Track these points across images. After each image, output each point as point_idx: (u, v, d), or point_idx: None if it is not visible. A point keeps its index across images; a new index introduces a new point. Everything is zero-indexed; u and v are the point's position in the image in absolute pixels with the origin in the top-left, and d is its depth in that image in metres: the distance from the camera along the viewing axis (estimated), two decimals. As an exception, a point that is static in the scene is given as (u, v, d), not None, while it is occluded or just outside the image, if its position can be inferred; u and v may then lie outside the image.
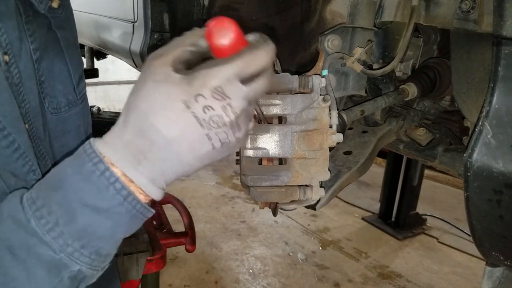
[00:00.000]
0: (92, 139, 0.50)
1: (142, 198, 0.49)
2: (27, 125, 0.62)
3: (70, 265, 0.48)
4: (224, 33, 0.48)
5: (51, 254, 0.47)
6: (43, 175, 0.63)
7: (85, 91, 0.79)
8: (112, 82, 6.09)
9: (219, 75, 0.46)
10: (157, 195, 0.49)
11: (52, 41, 0.69)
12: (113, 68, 5.52)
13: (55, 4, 0.68)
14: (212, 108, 0.46)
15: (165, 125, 0.46)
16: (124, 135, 0.48)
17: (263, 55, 0.48)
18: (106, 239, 0.50)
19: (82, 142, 0.77)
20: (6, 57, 0.58)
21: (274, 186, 0.88)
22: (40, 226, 0.47)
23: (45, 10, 0.66)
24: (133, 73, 5.73)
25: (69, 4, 0.75)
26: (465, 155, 0.82)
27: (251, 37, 0.51)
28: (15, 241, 0.47)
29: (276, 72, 0.89)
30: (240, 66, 0.46)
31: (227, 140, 0.48)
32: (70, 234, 0.47)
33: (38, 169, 0.63)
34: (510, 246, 0.87)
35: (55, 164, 0.68)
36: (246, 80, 0.47)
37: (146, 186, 0.48)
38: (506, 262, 0.93)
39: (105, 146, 0.48)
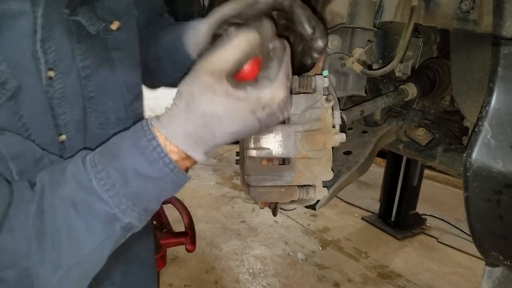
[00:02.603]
0: (149, 118, 0.58)
1: (188, 163, 0.59)
2: (64, 136, 0.68)
3: (122, 218, 0.57)
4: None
5: (107, 209, 0.56)
6: None
7: (141, 111, 0.84)
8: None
9: (284, 88, 0.57)
10: (202, 160, 0.59)
11: (107, 61, 0.73)
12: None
13: (113, 26, 0.73)
14: (271, 109, 0.57)
15: (229, 126, 0.56)
16: (187, 128, 0.56)
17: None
18: (152, 200, 0.60)
19: None
20: (51, 73, 0.64)
21: (275, 186, 0.88)
22: (100, 186, 0.55)
23: (97, 32, 0.70)
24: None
25: (132, 27, 0.79)
26: (464, 155, 0.82)
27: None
28: (78, 198, 0.56)
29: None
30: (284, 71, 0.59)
31: (268, 124, 0.59)
32: (124, 195, 0.56)
33: None
34: (510, 246, 0.87)
35: None
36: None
37: (200, 158, 0.58)
38: (506, 262, 0.93)
39: (163, 129, 0.56)
